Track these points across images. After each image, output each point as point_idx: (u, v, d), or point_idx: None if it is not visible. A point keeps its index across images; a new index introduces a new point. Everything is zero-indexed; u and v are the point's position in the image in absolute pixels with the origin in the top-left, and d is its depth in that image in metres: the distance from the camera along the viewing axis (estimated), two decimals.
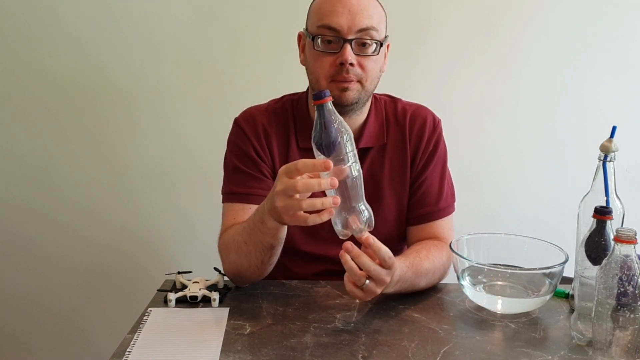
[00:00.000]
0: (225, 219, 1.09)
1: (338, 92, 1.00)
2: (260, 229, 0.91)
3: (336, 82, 1.00)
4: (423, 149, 1.12)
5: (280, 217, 0.85)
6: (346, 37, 0.98)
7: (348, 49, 0.98)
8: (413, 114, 1.13)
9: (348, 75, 0.99)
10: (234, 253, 0.99)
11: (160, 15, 1.62)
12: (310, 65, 1.04)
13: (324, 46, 1.00)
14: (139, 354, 0.82)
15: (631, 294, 0.72)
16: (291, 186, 0.80)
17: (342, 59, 0.98)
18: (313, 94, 0.81)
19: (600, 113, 1.71)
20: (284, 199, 0.81)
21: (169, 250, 1.76)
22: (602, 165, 0.89)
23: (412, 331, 0.89)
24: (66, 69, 1.64)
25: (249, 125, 1.11)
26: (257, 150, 1.09)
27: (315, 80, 1.03)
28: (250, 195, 1.07)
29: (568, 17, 1.67)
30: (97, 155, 1.70)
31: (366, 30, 0.98)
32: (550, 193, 1.74)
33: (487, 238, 1.04)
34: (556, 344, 0.85)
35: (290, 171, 0.81)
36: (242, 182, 1.08)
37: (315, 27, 1.00)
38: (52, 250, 1.74)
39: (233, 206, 1.08)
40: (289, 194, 0.81)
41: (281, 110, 1.13)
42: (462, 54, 1.68)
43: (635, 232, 0.73)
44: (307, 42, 1.05)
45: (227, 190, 1.11)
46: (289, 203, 0.81)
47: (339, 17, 0.97)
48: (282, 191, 0.81)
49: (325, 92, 0.80)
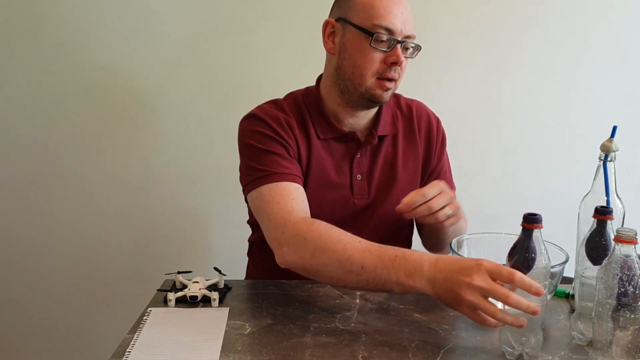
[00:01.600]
0: (278, 198, 0.98)
1: (381, 92, 1.05)
2: (398, 279, 0.84)
3: (381, 80, 1.04)
4: (435, 142, 1.20)
5: (455, 303, 0.80)
6: (398, 38, 1.02)
7: (400, 50, 1.03)
8: (417, 108, 1.21)
9: (395, 75, 1.04)
10: (333, 259, 0.89)
11: (162, 15, 1.62)
12: (355, 58, 1.04)
13: (377, 44, 1.02)
14: (138, 354, 0.82)
15: (631, 294, 0.72)
16: (499, 293, 0.76)
17: (396, 59, 1.02)
18: (525, 216, 0.78)
19: (601, 113, 1.71)
20: (478, 297, 0.77)
21: (169, 250, 1.76)
22: (603, 165, 0.89)
23: (412, 331, 0.89)
24: (66, 68, 1.64)
25: (268, 115, 1.08)
26: (280, 135, 1.06)
27: (360, 75, 1.04)
28: (293, 175, 1.03)
29: (568, 15, 1.67)
30: (97, 155, 1.70)
31: (411, 37, 1.05)
32: (551, 193, 1.74)
33: (487, 238, 1.03)
34: (556, 344, 0.85)
35: (501, 275, 0.77)
36: (277, 163, 1.03)
37: (371, 23, 1.01)
38: (52, 250, 1.74)
39: (279, 185, 1.00)
40: (485, 295, 0.77)
41: (294, 105, 1.13)
42: (462, 53, 1.68)
43: (635, 232, 0.73)
44: (350, 34, 1.04)
45: (260, 174, 1.02)
46: (481, 304, 0.77)
47: (396, 20, 1.01)
48: (482, 290, 0.77)
49: (538, 218, 0.77)
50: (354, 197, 1.14)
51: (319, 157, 1.11)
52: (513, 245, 0.79)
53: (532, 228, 0.77)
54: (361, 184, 1.14)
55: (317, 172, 1.11)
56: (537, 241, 0.77)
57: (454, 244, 0.98)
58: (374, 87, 1.04)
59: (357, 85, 1.05)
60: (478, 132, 1.73)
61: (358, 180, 1.14)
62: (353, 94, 1.06)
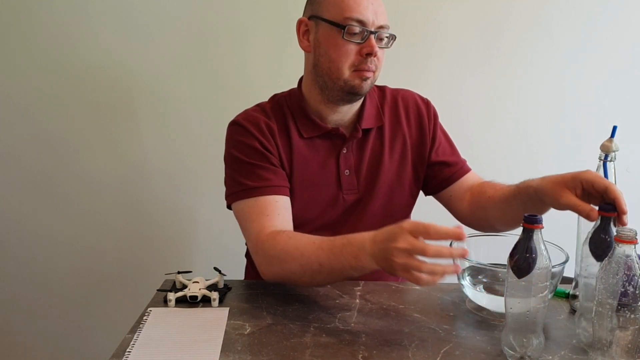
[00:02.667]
0: (253, 215, 1.04)
1: (359, 82, 1.05)
2: (350, 263, 0.89)
3: (359, 72, 1.04)
4: (428, 124, 1.19)
5: (391, 269, 0.83)
6: (370, 29, 1.03)
7: (374, 40, 1.03)
8: (404, 97, 1.21)
9: (371, 65, 1.04)
10: (297, 266, 0.95)
11: (160, 14, 1.62)
12: (330, 53, 1.05)
13: (349, 36, 1.03)
14: (138, 354, 0.82)
15: (632, 294, 0.72)
16: (419, 248, 0.79)
17: (370, 50, 1.03)
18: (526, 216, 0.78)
19: (601, 113, 1.71)
20: (406, 257, 0.80)
21: (169, 250, 1.76)
22: (603, 165, 0.89)
23: (412, 331, 0.89)
24: (66, 68, 1.64)
25: (250, 122, 1.11)
26: (263, 143, 1.09)
27: (336, 68, 1.05)
28: (272, 187, 1.06)
29: (569, 16, 1.67)
30: (97, 155, 1.70)
31: (384, 27, 1.05)
32: None
33: (487, 238, 1.04)
34: (556, 344, 0.85)
35: (418, 231, 0.80)
36: (257, 176, 1.06)
37: (342, 17, 1.02)
38: (52, 250, 1.74)
39: (257, 201, 1.05)
40: (411, 254, 0.80)
41: (276, 107, 1.15)
42: (463, 54, 1.68)
43: (635, 232, 0.73)
44: (322, 30, 1.06)
45: (240, 187, 1.07)
46: (410, 262, 0.80)
47: (367, 11, 1.02)
48: (406, 250, 0.80)
49: (539, 218, 0.78)
50: (343, 193, 1.14)
51: (303, 156, 1.12)
52: (514, 245, 0.79)
53: (532, 228, 0.77)
54: (349, 179, 1.14)
55: (302, 172, 1.11)
56: (537, 241, 0.77)
57: (454, 245, 0.98)
58: (351, 78, 1.05)
59: (335, 80, 1.06)
60: (478, 132, 1.73)
61: (346, 175, 1.14)
62: (333, 89, 1.07)
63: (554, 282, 0.91)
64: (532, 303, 0.78)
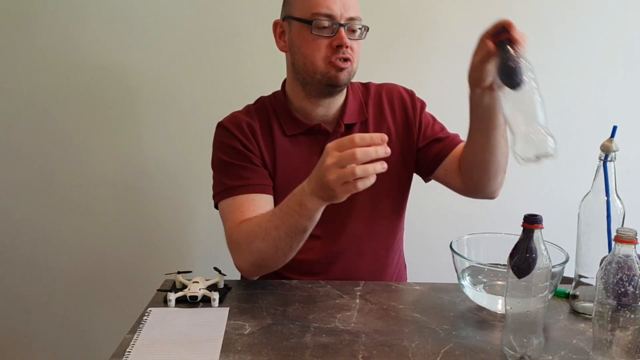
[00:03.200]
0: (230, 214, 1.07)
1: (335, 73, 1.07)
2: (297, 212, 0.92)
3: (333, 64, 1.06)
4: (413, 114, 1.20)
5: (330, 191, 0.86)
6: (340, 22, 1.05)
7: (343, 32, 1.05)
8: (387, 91, 1.22)
9: (345, 55, 1.06)
10: (260, 241, 0.98)
11: (161, 14, 1.62)
12: (302, 49, 1.08)
13: (319, 31, 1.05)
14: (138, 354, 0.82)
15: (631, 294, 0.72)
16: (348, 157, 0.82)
17: (340, 42, 1.04)
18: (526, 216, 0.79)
19: (601, 113, 1.71)
20: (336, 171, 0.83)
21: (169, 250, 1.76)
22: (603, 165, 0.89)
23: (412, 331, 0.89)
24: (66, 68, 1.64)
25: (233, 124, 1.14)
26: (244, 143, 1.12)
27: (311, 63, 1.07)
28: (250, 185, 1.09)
29: (568, 16, 1.67)
30: (97, 154, 1.70)
31: (354, 19, 1.07)
32: (551, 193, 1.74)
33: (487, 238, 1.04)
34: (556, 344, 0.85)
35: (344, 145, 0.83)
36: (237, 175, 1.10)
37: (309, 13, 1.05)
38: (52, 250, 1.74)
39: (235, 200, 1.08)
40: (342, 165, 0.82)
41: (261, 108, 1.18)
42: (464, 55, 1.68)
43: (635, 232, 0.73)
44: (294, 28, 1.09)
45: (222, 187, 1.10)
46: (342, 173, 0.82)
47: (334, 5, 1.04)
48: (334, 164, 0.83)
49: (539, 218, 0.78)
50: None
51: (286, 154, 1.13)
52: (514, 246, 0.79)
53: (532, 228, 0.77)
54: None
55: (285, 169, 1.13)
56: (537, 241, 0.77)
57: (454, 244, 0.98)
58: (327, 70, 1.06)
59: (312, 74, 1.08)
60: None
61: None
62: (312, 83, 1.09)
63: (554, 282, 0.91)
64: (532, 303, 0.78)
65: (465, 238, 1.03)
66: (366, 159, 0.81)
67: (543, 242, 0.77)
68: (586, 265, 0.92)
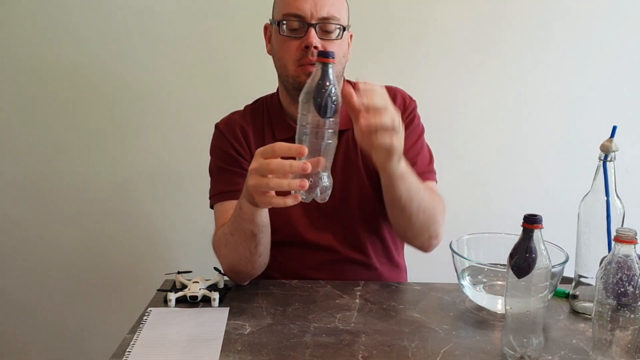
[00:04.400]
0: (217, 219, 1.11)
1: (306, 77, 1.00)
2: (240, 216, 0.94)
3: (303, 67, 1.03)
4: None
5: (251, 197, 0.86)
6: (310, 22, 1.02)
7: (312, 33, 1.01)
8: None
9: (313, 58, 1.01)
10: (224, 247, 1.01)
11: (162, 14, 1.62)
12: (277, 51, 1.07)
13: (290, 32, 1.04)
14: (138, 354, 0.82)
15: (631, 294, 0.72)
16: (264, 165, 0.81)
17: (307, 42, 1.01)
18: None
19: (601, 113, 1.71)
20: (256, 178, 0.82)
21: (169, 250, 1.76)
22: (603, 165, 0.89)
23: (412, 331, 0.89)
24: (66, 68, 1.64)
25: (228, 127, 1.15)
26: (236, 148, 1.12)
27: (283, 66, 1.06)
28: (238, 192, 1.06)
29: (569, 16, 1.67)
30: (97, 154, 1.70)
31: (328, 18, 1.02)
32: (551, 193, 1.74)
33: (487, 238, 1.04)
34: (556, 344, 0.85)
35: (267, 152, 0.82)
36: (229, 180, 1.11)
37: (280, 14, 1.04)
38: (52, 250, 1.74)
39: (223, 205, 1.10)
40: (261, 173, 0.82)
41: (257, 110, 1.18)
42: (463, 54, 1.68)
43: (635, 232, 0.73)
44: (273, 31, 1.08)
45: (213, 191, 1.13)
46: (259, 182, 0.82)
47: (304, 5, 1.01)
48: (255, 170, 0.82)
49: (539, 218, 0.78)
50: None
51: None
52: (514, 246, 0.79)
53: (532, 228, 0.77)
54: None
55: None
56: (537, 241, 0.77)
57: (454, 244, 0.98)
58: (297, 74, 1.03)
59: (285, 77, 1.06)
60: (478, 132, 1.73)
61: None
62: (289, 88, 1.07)
63: (554, 282, 0.91)
64: (532, 303, 0.78)
65: (465, 238, 1.03)
66: (280, 171, 0.80)
67: (543, 242, 0.77)
68: (586, 265, 0.92)
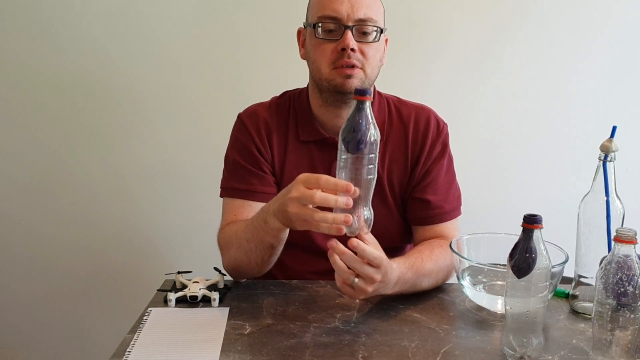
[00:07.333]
0: (225, 214, 1.11)
1: (341, 80, 1.01)
2: (263, 229, 0.93)
3: (339, 69, 1.01)
4: (428, 151, 1.11)
5: (289, 222, 0.87)
6: (346, 24, 1.00)
7: (349, 35, 1.00)
8: (416, 116, 1.13)
9: (350, 61, 1.00)
10: (235, 249, 1.01)
11: (160, 15, 1.62)
12: (311, 54, 1.05)
13: (325, 34, 1.02)
14: (139, 354, 0.82)
15: (631, 294, 0.72)
16: (308, 197, 0.81)
17: (344, 44, 0.99)
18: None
19: (601, 113, 1.71)
20: (298, 207, 0.83)
21: (169, 250, 1.76)
22: (602, 165, 0.89)
23: (412, 331, 0.89)
24: (66, 68, 1.64)
25: (252, 120, 1.12)
26: (258, 147, 1.11)
27: (317, 69, 1.04)
28: (250, 192, 1.09)
29: (568, 16, 1.67)
30: (97, 154, 1.70)
31: (365, 20, 1.01)
32: (550, 193, 1.74)
33: (487, 238, 1.04)
34: (556, 344, 0.85)
35: (310, 182, 0.82)
36: (243, 179, 1.10)
37: (316, 17, 1.03)
38: (52, 250, 1.74)
39: (234, 202, 1.10)
40: (303, 203, 0.82)
41: (283, 105, 1.15)
42: (462, 54, 1.68)
43: (635, 232, 0.73)
44: (307, 34, 1.07)
45: (227, 184, 1.12)
46: (302, 211, 0.82)
47: (340, 7, 1.00)
48: (297, 199, 0.82)
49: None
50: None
51: (295, 161, 1.11)
52: (514, 246, 0.79)
53: (532, 228, 0.77)
54: None
55: (292, 176, 1.06)
56: (537, 241, 0.77)
57: (454, 244, 0.98)
58: (332, 77, 1.01)
59: (320, 81, 1.04)
60: (478, 132, 1.73)
61: None
62: (324, 91, 1.06)
63: (554, 282, 0.91)
64: (532, 303, 0.78)
65: (465, 238, 1.03)
66: (324, 204, 0.80)
67: (543, 242, 0.78)
68: (586, 265, 0.92)
